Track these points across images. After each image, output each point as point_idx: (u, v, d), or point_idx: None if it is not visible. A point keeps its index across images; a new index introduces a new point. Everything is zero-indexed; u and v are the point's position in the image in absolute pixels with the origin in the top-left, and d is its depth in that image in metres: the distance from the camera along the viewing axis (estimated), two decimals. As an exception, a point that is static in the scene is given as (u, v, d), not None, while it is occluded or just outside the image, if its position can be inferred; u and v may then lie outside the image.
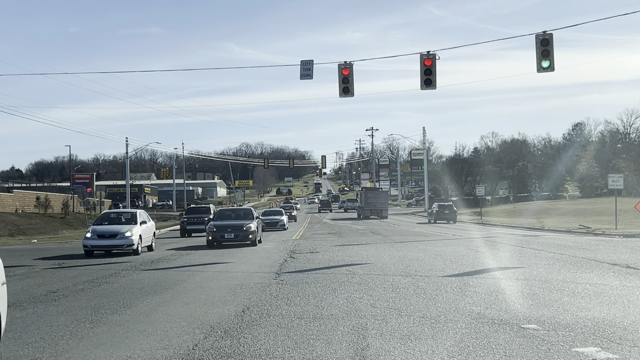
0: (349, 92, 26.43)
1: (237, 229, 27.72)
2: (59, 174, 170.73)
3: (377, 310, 10.26)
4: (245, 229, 27.58)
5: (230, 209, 34.04)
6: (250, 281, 14.75)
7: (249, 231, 27.50)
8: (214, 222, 29.15)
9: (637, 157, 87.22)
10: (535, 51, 23.99)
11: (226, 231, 27.60)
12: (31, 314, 10.97)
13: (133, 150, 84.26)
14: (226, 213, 31.67)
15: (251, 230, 27.52)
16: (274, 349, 7.76)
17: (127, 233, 24.40)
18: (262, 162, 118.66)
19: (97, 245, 24.39)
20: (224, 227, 27.83)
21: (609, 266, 16.58)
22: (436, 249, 23.77)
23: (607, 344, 7.69)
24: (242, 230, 27.56)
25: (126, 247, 24.26)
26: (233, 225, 28.08)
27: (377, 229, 42.64)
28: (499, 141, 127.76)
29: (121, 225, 25.31)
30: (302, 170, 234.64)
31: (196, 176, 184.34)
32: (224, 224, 28.28)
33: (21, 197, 57.76)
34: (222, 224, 28.38)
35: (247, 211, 30.84)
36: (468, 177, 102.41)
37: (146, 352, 7.77)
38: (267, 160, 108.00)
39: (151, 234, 27.36)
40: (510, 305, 10.62)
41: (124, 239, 24.28)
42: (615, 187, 38.18)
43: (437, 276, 14.83)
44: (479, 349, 7.51)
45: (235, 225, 28.08)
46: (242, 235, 27.44)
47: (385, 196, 74.78)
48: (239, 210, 32.39)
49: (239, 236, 27.45)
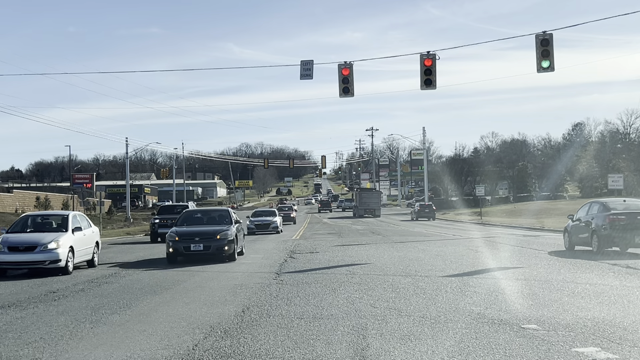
0: (349, 92, 26.43)
1: (207, 237, 20.38)
2: (59, 174, 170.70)
3: (377, 310, 10.26)
4: (219, 238, 20.25)
5: (201, 210, 25.80)
6: (250, 281, 14.76)
7: (225, 240, 20.26)
8: (178, 227, 21.76)
9: (637, 157, 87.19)
10: (535, 51, 23.97)
11: (192, 240, 20.27)
12: (31, 314, 10.97)
13: (133, 150, 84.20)
14: (195, 216, 23.75)
15: (227, 240, 20.33)
16: (274, 349, 7.76)
17: (51, 244, 17.59)
18: (262, 162, 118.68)
19: (8, 261, 17.45)
20: (190, 235, 20.55)
21: (609, 266, 16.59)
22: (436, 249, 23.77)
23: (607, 344, 7.70)
24: (215, 240, 20.22)
25: (49, 263, 17.47)
26: (203, 232, 20.81)
27: (377, 229, 42.64)
28: (499, 141, 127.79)
29: (44, 234, 18.44)
30: (302, 170, 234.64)
31: (196, 176, 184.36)
32: (190, 231, 20.99)
33: (21, 197, 57.79)
34: (187, 230, 21.13)
35: (223, 213, 23.26)
36: (468, 177, 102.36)
37: (146, 352, 7.77)
38: (267, 160, 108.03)
39: (91, 244, 20.09)
40: (510, 305, 10.62)
41: (46, 252, 17.48)
42: (615, 187, 38.22)
43: (437, 276, 14.84)
44: (479, 349, 7.51)
45: (205, 232, 20.79)
46: (214, 247, 20.15)
47: (379, 196, 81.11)
48: (213, 212, 24.45)
49: (210, 247, 20.13)
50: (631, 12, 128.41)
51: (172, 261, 20.40)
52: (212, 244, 20.24)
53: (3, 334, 9.15)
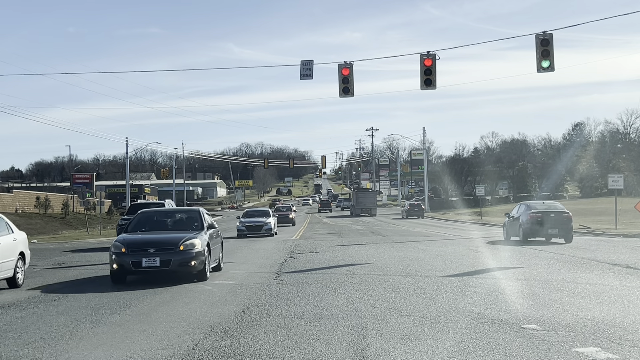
0: (349, 92, 26.43)
1: (166, 248, 14.94)
2: (59, 174, 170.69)
3: (377, 310, 10.26)
4: (182, 249, 14.88)
5: (162, 212, 19.30)
6: (250, 281, 14.75)
7: (191, 252, 14.91)
8: (128, 234, 16.15)
9: (637, 157, 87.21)
10: (535, 51, 23.98)
11: (145, 253, 14.73)
12: (31, 314, 10.97)
13: (133, 150, 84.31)
14: (154, 218, 17.69)
15: (195, 252, 14.97)
16: (274, 349, 7.76)
17: None
18: (262, 162, 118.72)
19: None
20: (142, 245, 15.00)
21: (609, 266, 16.59)
22: (436, 249, 23.77)
23: (607, 344, 7.70)
24: (177, 252, 14.83)
25: None
26: (160, 241, 15.30)
27: (377, 229, 42.64)
28: (499, 141, 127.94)
29: None
30: (302, 170, 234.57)
31: (196, 176, 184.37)
32: (142, 239, 15.43)
33: (21, 197, 57.77)
34: (139, 239, 15.55)
35: (191, 215, 17.65)
36: (468, 177, 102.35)
37: (146, 352, 7.77)
38: (267, 160, 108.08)
39: (11, 256, 14.84)
40: (510, 305, 10.62)
41: None
42: (615, 187, 38.16)
43: (437, 276, 14.84)
44: (479, 349, 7.51)
45: (163, 241, 15.31)
46: (176, 261, 14.74)
47: (374, 196, 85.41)
48: (179, 213, 18.71)
49: (169, 263, 14.68)
50: (631, 12, 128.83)
51: (118, 281, 14.98)
52: (173, 257, 14.69)
53: (3, 334, 9.15)
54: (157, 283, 14.71)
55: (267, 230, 37.61)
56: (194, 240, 15.24)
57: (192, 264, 14.88)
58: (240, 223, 38.58)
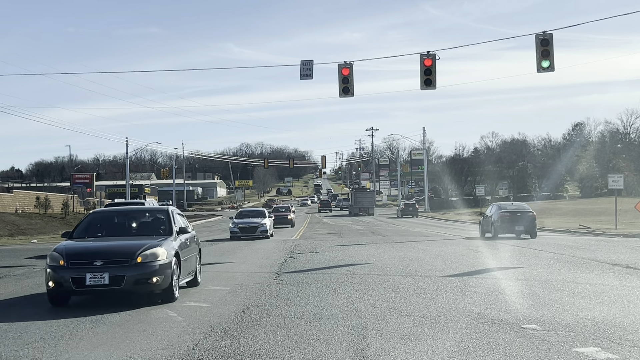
0: (349, 92, 26.43)
1: (119, 260, 11.57)
2: (59, 174, 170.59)
3: (377, 310, 10.26)
4: (141, 262, 11.56)
5: (120, 212, 14.90)
6: (250, 281, 14.75)
7: (151, 266, 11.56)
8: (72, 242, 12.75)
9: (637, 157, 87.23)
10: (535, 51, 23.99)
11: (90, 267, 11.43)
12: (31, 314, 10.96)
13: (133, 150, 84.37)
14: (111, 221, 13.99)
15: (157, 264, 11.62)
16: (274, 349, 7.76)
17: None
18: (262, 162, 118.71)
19: None
20: (88, 257, 11.70)
21: (609, 266, 16.59)
22: (436, 249, 23.77)
23: (607, 344, 7.70)
24: (134, 265, 11.50)
25: None
26: (111, 250, 11.91)
27: (377, 229, 42.64)
28: (499, 141, 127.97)
29: None
30: (302, 170, 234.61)
31: (196, 176, 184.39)
32: (89, 249, 12.17)
33: (21, 197, 57.78)
34: (85, 247, 12.28)
35: (159, 217, 13.88)
36: (468, 177, 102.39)
37: (146, 352, 7.77)
38: (267, 160, 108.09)
39: None
40: (510, 305, 10.63)
41: None
42: (615, 187, 38.18)
43: (437, 276, 14.84)
44: (479, 349, 7.51)
45: (116, 250, 11.89)
46: (131, 277, 11.40)
47: (372, 196, 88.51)
48: (141, 213, 14.74)
49: (122, 280, 11.36)
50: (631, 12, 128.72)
51: (57, 302, 11.67)
52: (128, 272, 11.25)
53: (3, 334, 9.15)
54: (105, 307, 11.15)
55: (262, 232, 34.85)
56: (157, 250, 11.69)
57: (153, 280, 11.36)
58: (233, 224, 35.83)
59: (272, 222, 37.97)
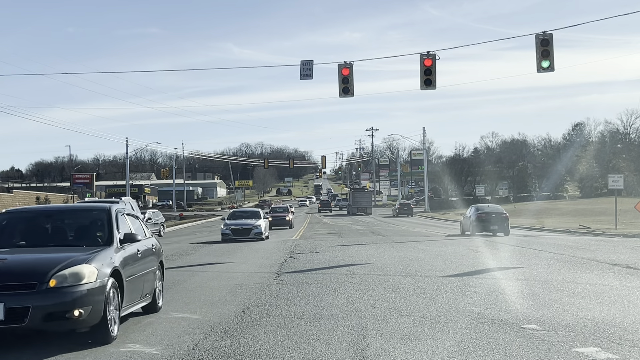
0: (349, 92, 26.43)
1: (21, 284, 7.72)
2: (59, 174, 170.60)
3: (377, 311, 10.26)
4: (54, 286, 7.73)
5: (42, 212, 10.69)
6: (250, 281, 14.75)
7: (71, 293, 7.75)
8: None
9: (637, 157, 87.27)
10: (535, 51, 24.00)
11: None
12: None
13: (133, 150, 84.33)
14: (30, 225, 9.97)
15: (80, 291, 7.80)
16: (274, 349, 7.76)
17: None
18: (262, 162, 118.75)
19: None
20: None
21: (609, 266, 16.59)
22: (436, 249, 23.77)
23: (607, 344, 7.70)
24: (44, 292, 7.66)
25: None
26: (11, 269, 8.02)
27: (377, 229, 42.64)
28: (499, 141, 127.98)
29: None
30: (302, 170, 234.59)
31: (196, 176, 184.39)
32: None
33: (21, 197, 57.80)
34: None
35: (95, 219, 9.90)
36: (468, 177, 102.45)
37: (146, 352, 7.77)
38: (267, 160, 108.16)
39: None
40: (510, 305, 10.63)
41: None
42: (615, 187, 38.20)
43: (437, 276, 14.84)
44: (479, 349, 7.51)
45: (18, 269, 8.05)
46: (38, 310, 7.58)
47: (370, 196, 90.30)
48: (71, 214, 10.61)
49: (26, 313, 7.55)
50: (631, 12, 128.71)
51: None
52: (34, 302, 7.65)
53: (3, 334, 9.12)
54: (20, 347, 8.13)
55: (257, 234, 32.20)
56: (80, 268, 8.00)
57: (74, 314, 7.76)
58: (225, 226, 33.14)
59: (267, 224, 35.49)
